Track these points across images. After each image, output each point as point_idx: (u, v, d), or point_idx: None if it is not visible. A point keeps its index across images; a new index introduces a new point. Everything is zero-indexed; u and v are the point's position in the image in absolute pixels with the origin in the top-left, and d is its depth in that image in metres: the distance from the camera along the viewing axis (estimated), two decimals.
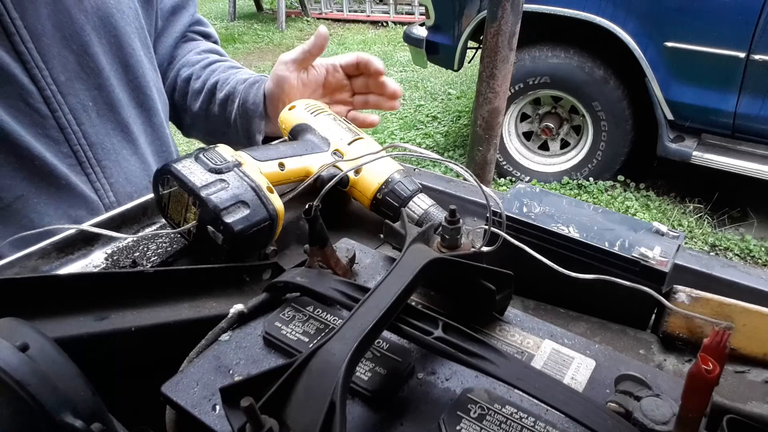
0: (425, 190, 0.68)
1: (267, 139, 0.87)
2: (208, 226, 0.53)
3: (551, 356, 0.43)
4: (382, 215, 0.66)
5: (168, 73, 0.93)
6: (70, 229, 0.58)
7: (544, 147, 3.19)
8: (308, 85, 0.80)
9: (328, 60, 0.83)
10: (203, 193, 0.52)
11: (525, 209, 0.57)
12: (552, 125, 3.06)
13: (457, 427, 0.36)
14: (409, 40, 3.44)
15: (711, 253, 2.29)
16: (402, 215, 0.53)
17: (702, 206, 2.92)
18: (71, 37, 0.70)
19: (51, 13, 0.68)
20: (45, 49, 0.68)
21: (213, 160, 0.55)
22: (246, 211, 0.53)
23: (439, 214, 0.64)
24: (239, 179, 0.55)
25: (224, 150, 0.58)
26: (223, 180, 0.54)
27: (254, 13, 7.49)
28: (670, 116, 2.66)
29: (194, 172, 0.54)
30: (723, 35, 2.41)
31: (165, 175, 0.56)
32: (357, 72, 0.84)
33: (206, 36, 0.98)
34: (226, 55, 0.99)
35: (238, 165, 0.56)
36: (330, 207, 0.66)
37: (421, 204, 0.65)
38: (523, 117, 3.17)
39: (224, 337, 0.44)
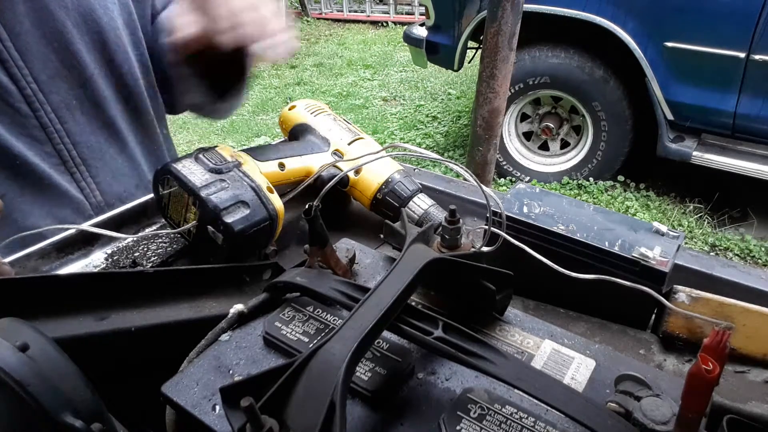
0: (425, 190, 0.68)
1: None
2: (208, 226, 0.53)
3: (551, 356, 0.43)
4: (382, 215, 0.66)
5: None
6: (70, 230, 0.58)
7: (544, 147, 3.19)
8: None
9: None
10: (203, 193, 0.52)
11: (525, 209, 0.57)
12: (552, 125, 3.06)
13: (457, 427, 0.36)
14: (409, 40, 3.44)
15: (711, 253, 2.29)
16: (402, 215, 0.53)
17: (702, 206, 2.92)
18: (51, 34, 0.69)
19: (29, 10, 0.67)
20: (24, 47, 0.67)
21: (213, 160, 0.55)
22: (246, 211, 0.53)
23: (439, 214, 0.64)
24: (239, 179, 0.55)
25: (224, 150, 0.58)
26: (223, 180, 0.54)
27: None
28: (670, 116, 2.66)
29: (194, 172, 0.54)
30: (723, 35, 2.41)
31: (165, 175, 0.56)
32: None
33: None
34: None
35: (238, 165, 0.56)
36: (330, 207, 0.66)
37: (421, 204, 0.65)
38: (523, 117, 3.16)
39: (224, 337, 0.44)
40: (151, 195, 0.66)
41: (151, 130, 0.84)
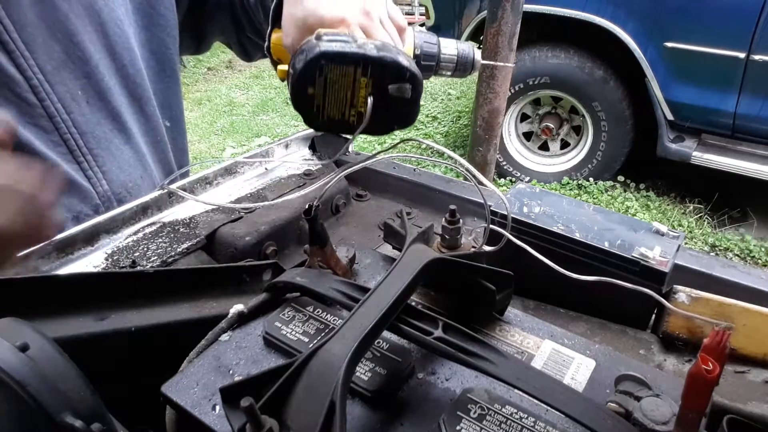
0: (425, 189, 0.68)
1: None
2: (390, 86, 0.50)
3: (551, 356, 0.43)
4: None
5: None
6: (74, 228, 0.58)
7: (544, 147, 3.19)
8: None
9: None
10: (377, 54, 0.49)
11: (525, 209, 0.57)
12: (552, 125, 3.06)
13: (457, 427, 0.36)
14: None
15: (711, 253, 2.29)
16: (402, 215, 0.53)
17: (702, 206, 2.92)
18: (56, 25, 0.70)
19: (34, 2, 0.68)
20: (29, 38, 0.68)
21: (347, 36, 0.51)
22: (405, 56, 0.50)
23: (467, 48, 0.62)
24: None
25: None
26: (375, 41, 0.51)
27: None
28: (670, 116, 2.66)
29: (350, 43, 0.50)
30: (723, 35, 2.41)
31: (315, 67, 0.50)
32: None
33: None
34: None
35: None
36: (330, 207, 0.66)
37: (449, 49, 0.62)
38: (523, 117, 3.17)
39: (224, 337, 0.44)
40: (152, 195, 0.66)
41: (154, 120, 0.85)
